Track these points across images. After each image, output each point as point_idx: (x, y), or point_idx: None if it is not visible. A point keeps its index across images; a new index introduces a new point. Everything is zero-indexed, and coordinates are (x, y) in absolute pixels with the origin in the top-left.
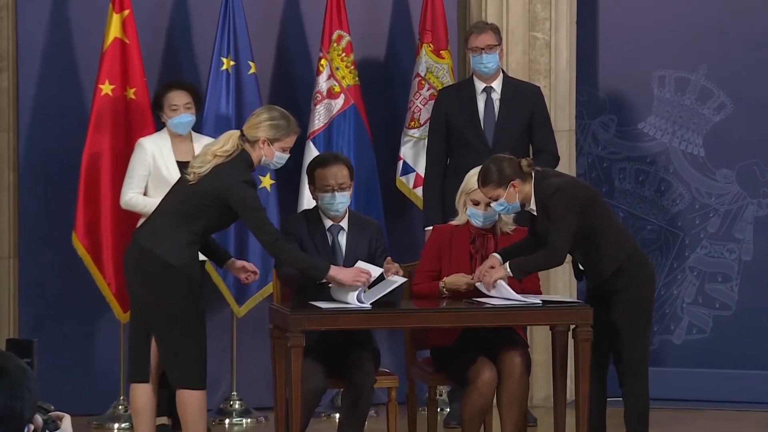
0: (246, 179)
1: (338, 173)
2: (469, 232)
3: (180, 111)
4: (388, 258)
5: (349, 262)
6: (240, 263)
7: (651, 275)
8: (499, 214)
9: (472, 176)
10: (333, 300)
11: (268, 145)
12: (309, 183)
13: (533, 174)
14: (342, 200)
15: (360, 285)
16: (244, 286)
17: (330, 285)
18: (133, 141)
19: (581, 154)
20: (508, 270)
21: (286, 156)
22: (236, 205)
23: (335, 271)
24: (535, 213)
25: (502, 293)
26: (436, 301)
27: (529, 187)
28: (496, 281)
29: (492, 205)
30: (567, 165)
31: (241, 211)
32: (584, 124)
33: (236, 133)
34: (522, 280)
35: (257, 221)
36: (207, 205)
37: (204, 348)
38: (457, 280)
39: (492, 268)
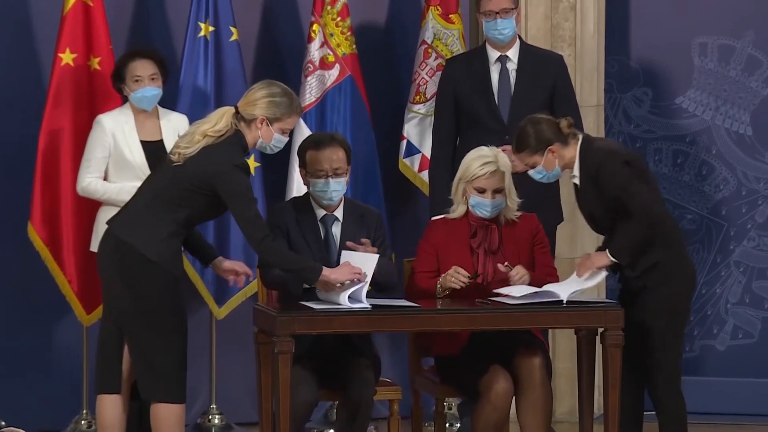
0: (239, 164)
1: (333, 156)
2: (468, 225)
3: (144, 83)
4: (361, 240)
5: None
6: (229, 263)
7: (689, 271)
8: (506, 199)
9: (473, 161)
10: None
11: (267, 125)
12: (300, 166)
13: (578, 138)
14: (337, 187)
15: (352, 283)
16: (224, 283)
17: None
18: None
19: (611, 133)
20: (610, 257)
21: (286, 139)
22: (225, 193)
23: (328, 273)
24: (577, 183)
25: (520, 290)
26: (434, 303)
27: (572, 152)
28: (600, 269)
29: (529, 172)
30: None
31: (229, 199)
32: (614, 99)
33: (230, 110)
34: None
35: (247, 213)
36: (192, 191)
37: (184, 356)
38: (452, 278)
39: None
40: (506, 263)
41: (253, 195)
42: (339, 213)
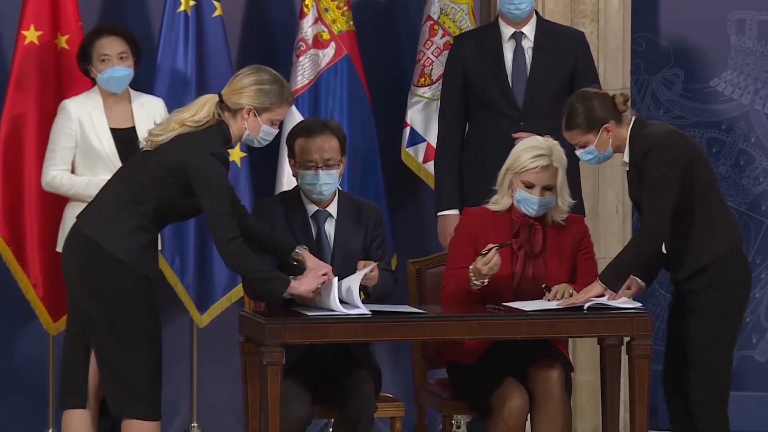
0: (216, 152)
1: (325, 146)
2: (510, 221)
3: (113, 62)
4: (360, 262)
5: (338, 258)
6: (313, 261)
7: (743, 275)
8: (557, 199)
9: (524, 151)
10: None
11: (254, 115)
12: (289, 156)
13: (632, 118)
14: (328, 180)
15: (322, 287)
16: (206, 287)
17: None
18: None
19: None
20: (600, 284)
21: (275, 131)
22: (197, 184)
23: (295, 284)
24: (627, 170)
25: (534, 305)
26: (468, 305)
27: (625, 133)
28: (589, 300)
29: (577, 153)
30: None
31: (201, 191)
32: (642, 81)
33: (214, 98)
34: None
35: (217, 208)
36: (163, 180)
37: (158, 367)
38: (487, 262)
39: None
40: (543, 285)
41: (228, 189)
42: (333, 209)
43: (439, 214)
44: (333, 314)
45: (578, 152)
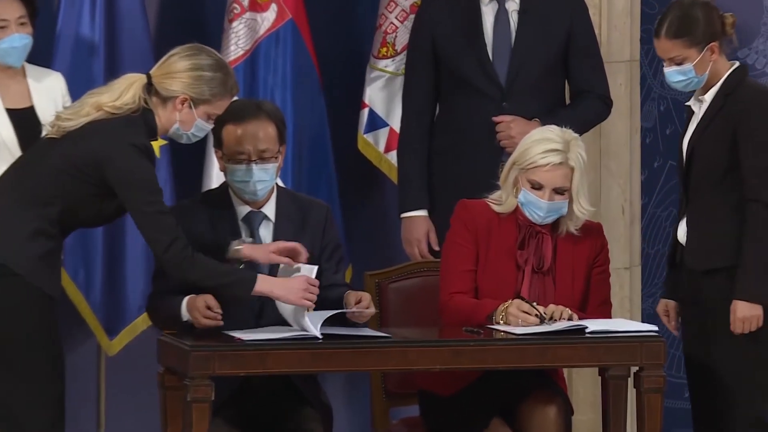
0: (138, 144)
1: (259, 133)
2: (516, 227)
3: (10, 29)
4: (349, 292)
5: (275, 271)
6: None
7: None
8: (572, 205)
9: (534, 144)
10: (260, 324)
11: (189, 107)
12: (215, 146)
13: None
14: (263, 177)
15: (308, 304)
16: (117, 307)
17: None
18: None
19: (649, 98)
20: (753, 304)
21: (210, 126)
22: (118, 182)
23: (266, 285)
24: (697, 111)
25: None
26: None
27: (725, 65)
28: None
29: (667, 71)
30: (626, 115)
31: (124, 190)
32: (654, 52)
33: (141, 80)
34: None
35: (147, 209)
36: (71, 176)
37: (60, 407)
38: (515, 317)
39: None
40: (536, 313)
41: (157, 185)
42: (269, 209)
43: (403, 215)
44: (275, 339)
45: (668, 69)
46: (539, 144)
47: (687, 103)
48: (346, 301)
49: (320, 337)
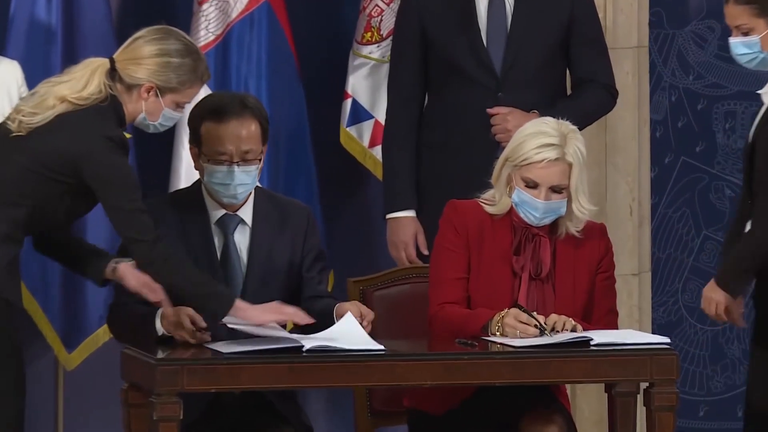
0: (113, 135)
1: (242, 132)
2: (511, 230)
3: None
4: (340, 305)
5: (253, 280)
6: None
7: None
8: (571, 204)
9: (528, 138)
10: (236, 336)
11: (156, 95)
12: (191, 143)
13: None
14: (245, 180)
15: (275, 324)
16: (77, 317)
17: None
18: None
19: (659, 88)
20: (717, 287)
21: (179, 115)
22: (94, 178)
23: (243, 309)
24: (763, 100)
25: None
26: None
27: None
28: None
29: (732, 41)
30: (634, 106)
31: (101, 187)
32: (664, 37)
33: (104, 65)
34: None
35: (127, 206)
36: (40, 175)
37: (18, 418)
38: (511, 327)
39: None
40: (535, 324)
41: (136, 181)
42: (246, 212)
43: (388, 216)
44: (252, 350)
45: (733, 40)
46: (533, 138)
47: (758, 92)
48: (339, 314)
49: (302, 345)
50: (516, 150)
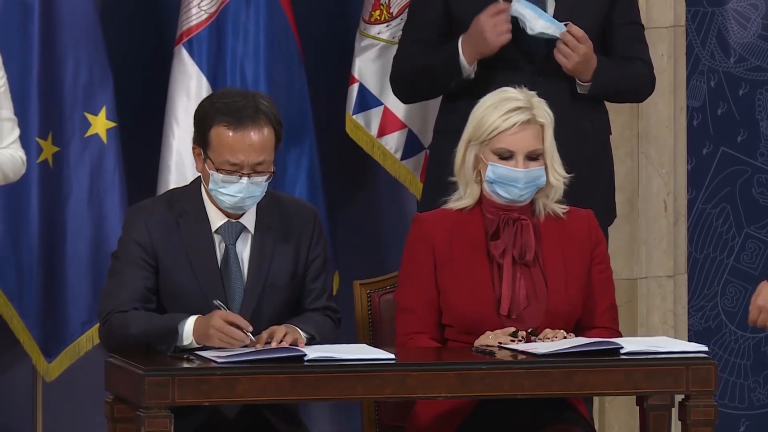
0: None
1: (255, 140)
2: (483, 219)
3: None
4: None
5: (252, 293)
6: None
7: None
8: (548, 173)
9: (491, 109)
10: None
11: None
12: (197, 144)
13: None
14: (254, 192)
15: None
16: (57, 324)
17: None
18: None
19: (696, 72)
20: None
21: None
22: None
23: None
24: None
25: (548, 346)
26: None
27: None
28: None
29: None
30: (669, 92)
31: None
32: (702, 16)
33: None
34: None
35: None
36: None
37: None
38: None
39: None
40: (529, 329)
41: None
42: (248, 219)
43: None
44: (251, 358)
45: None
46: (498, 106)
47: None
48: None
49: (306, 354)
50: (479, 125)
